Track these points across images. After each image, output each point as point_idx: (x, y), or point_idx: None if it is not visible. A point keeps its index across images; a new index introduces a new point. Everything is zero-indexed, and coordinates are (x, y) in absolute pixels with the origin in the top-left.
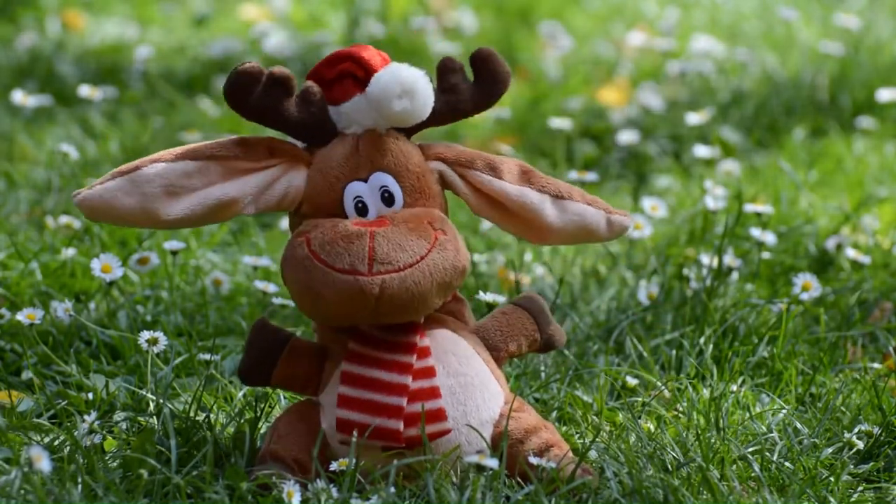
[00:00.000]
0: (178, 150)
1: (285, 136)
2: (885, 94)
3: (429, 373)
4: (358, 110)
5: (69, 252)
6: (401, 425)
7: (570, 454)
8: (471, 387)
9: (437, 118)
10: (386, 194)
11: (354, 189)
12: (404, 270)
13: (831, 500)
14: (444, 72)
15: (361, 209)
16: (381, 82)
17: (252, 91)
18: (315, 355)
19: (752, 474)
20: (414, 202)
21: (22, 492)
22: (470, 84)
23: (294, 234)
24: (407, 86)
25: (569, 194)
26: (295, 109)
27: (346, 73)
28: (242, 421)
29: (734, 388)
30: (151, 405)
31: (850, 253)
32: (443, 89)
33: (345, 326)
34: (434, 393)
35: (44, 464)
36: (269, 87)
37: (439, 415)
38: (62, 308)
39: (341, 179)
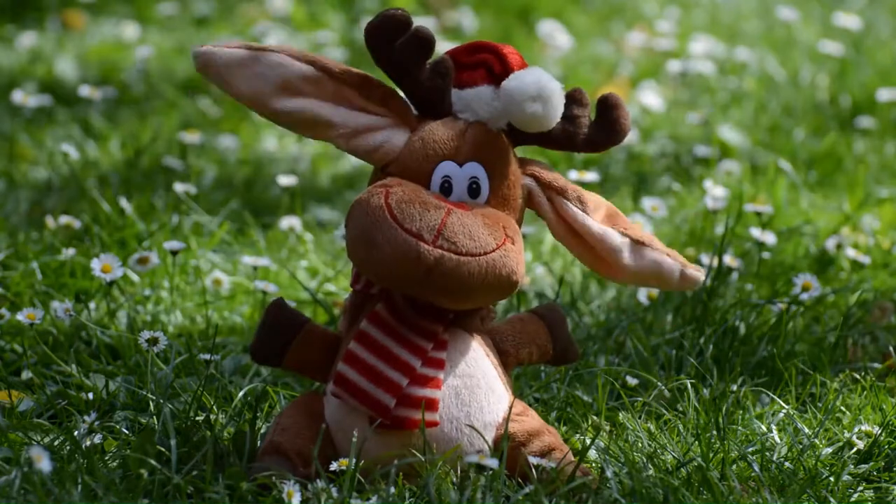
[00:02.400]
0: (309, 54)
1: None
2: (885, 94)
3: (438, 364)
4: (480, 100)
5: (69, 252)
6: (392, 402)
7: (571, 457)
8: (476, 389)
9: (549, 140)
10: (474, 185)
11: (446, 168)
12: (464, 256)
13: (831, 499)
14: (572, 101)
15: (446, 190)
16: (520, 79)
17: (394, 38)
18: (330, 343)
19: (752, 474)
20: (497, 205)
21: (22, 492)
22: (591, 122)
23: (376, 184)
24: (545, 91)
25: (649, 242)
26: (426, 75)
27: (482, 63)
28: (242, 421)
29: (734, 388)
30: (151, 405)
31: (850, 253)
32: (565, 116)
33: (379, 288)
34: (435, 384)
35: (44, 464)
36: (412, 40)
37: (432, 404)
38: (62, 308)
39: (439, 154)
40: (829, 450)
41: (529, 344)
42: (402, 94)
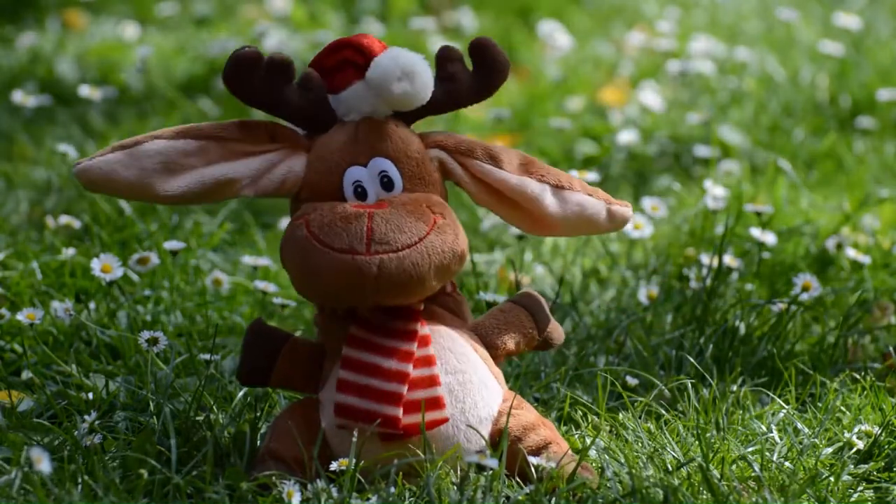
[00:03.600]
0: (180, 127)
1: (286, 123)
2: (885, 94)
3: (429, 361)
4: (357, 97)
5: (69, 252)
6: (399, 412)
7: (570, 452)
8: (469, 384)
9: (435, 106)
10: (385, 179)
11: (354, 174)
12: (402, 251)
13: (831, 499)
14: (443, 60)
15: (361, 194)
16: (380, 65)
17: (251, 76)
18: (314, 354)
19: (753, 474)
20: (413, 188)
21: (22, 492)
22: (469, 73)
23: (293, 217)
24: (407, 68)
25: (569, 184)
26: (295, 95)
27: (346, 61)
28: (242, 421)
29: (734, 387)
30: (151, 405)
31: (850, 253)
32: (441, 78)
33: (344, 310)
34: (433, 381)
35: (44, 465)
36: (268, 72)
37: (437, 402)
38: (62, 308)
39: (341, 165)
40: (829, 450)
41: (514, 333)
42: (285, 122)
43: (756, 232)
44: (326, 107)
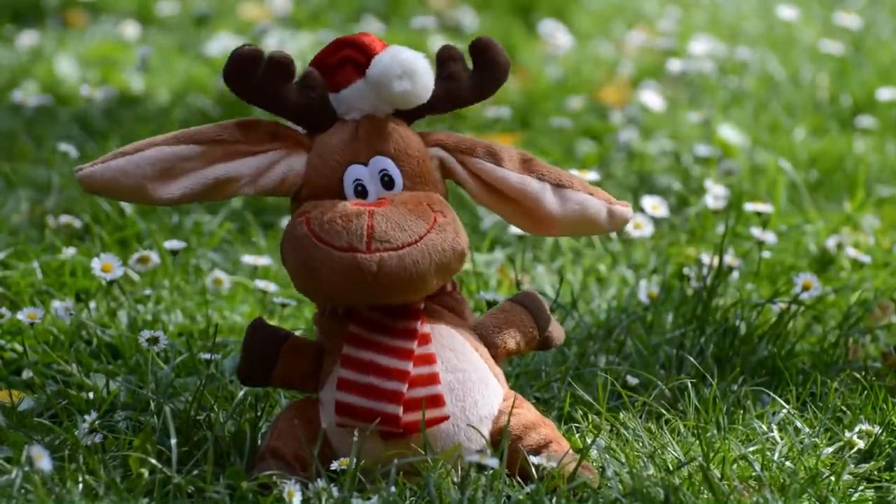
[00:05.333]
0: (180, 133)
1: (287, 122)
2: (885, 94)
3: (429, 359)
4: (358, 96)
5: (69, 251)
6: (400, 410)
7: (570, 451)
8: (469, 383)
9: (436, 106)
10: (386, 178)
11: (354, 172)
12: (403, 249)
13: (832, 499)
14: (444, 60)
15: (361, 192)
16: (381, 63)
17: (252, 74)
18: (313, 352)
19: (753, 474)
20: (414, 187)
21: (22, 491)
22: (469, 73)
23: (295, 214)
24: (407, 67)
25: (570, 183)
26: (295, 94)
27: (347, 60)
28: (243, 420)
29: (735, 387)
30: (152, 404)
31: (851, 252)
32: (442, 77)
33: (345, 309)
34: (433, 379)
35: (44, 463)
36: (268, 70)
37: (437, 400)
38: (63, 307)
39: (341, 163)
40: (830, 449)
41: (515, 332)
42: (286, 121)
43: (756, 231)
44: (327, 105)
